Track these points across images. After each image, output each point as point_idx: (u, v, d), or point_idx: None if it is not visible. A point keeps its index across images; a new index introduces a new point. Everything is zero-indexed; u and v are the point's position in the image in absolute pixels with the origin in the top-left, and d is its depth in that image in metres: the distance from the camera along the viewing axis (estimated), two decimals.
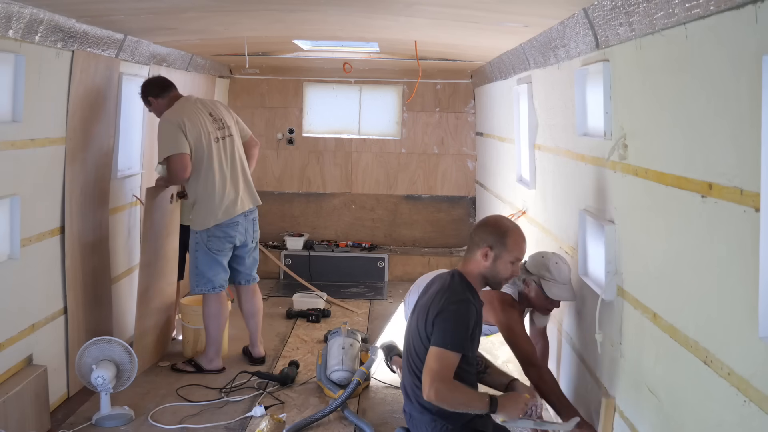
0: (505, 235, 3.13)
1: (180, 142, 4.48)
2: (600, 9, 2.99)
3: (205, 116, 4.64)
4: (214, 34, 5.09)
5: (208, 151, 4.57)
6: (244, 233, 4.75)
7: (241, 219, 4.70)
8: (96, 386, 3.94)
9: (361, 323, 6.02)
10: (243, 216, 4.72)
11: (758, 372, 1.93)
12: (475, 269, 3.14)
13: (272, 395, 4.45)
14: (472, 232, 3.21)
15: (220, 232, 4.64)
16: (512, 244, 3.13)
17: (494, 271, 3.13)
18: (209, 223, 4.61)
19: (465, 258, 3.20)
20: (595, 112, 3.38)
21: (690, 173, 2.34)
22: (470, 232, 3.23)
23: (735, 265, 2.06)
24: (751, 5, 1.90)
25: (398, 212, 7.93)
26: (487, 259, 3.12)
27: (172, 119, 4.53)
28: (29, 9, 3.38)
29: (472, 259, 3.15)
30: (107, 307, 4.80)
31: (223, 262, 4.74)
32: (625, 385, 3.02)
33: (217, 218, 4.60)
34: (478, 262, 3.13)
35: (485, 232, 3.15)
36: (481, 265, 3.13)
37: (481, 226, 3.21)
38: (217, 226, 4.62)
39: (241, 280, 4.95)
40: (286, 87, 7.80)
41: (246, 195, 4.75)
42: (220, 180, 4.60)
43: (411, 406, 3.25)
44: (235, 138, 4.75)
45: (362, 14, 4.10)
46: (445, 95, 7.78)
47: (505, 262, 3.13)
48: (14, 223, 3.64)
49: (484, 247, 3.11)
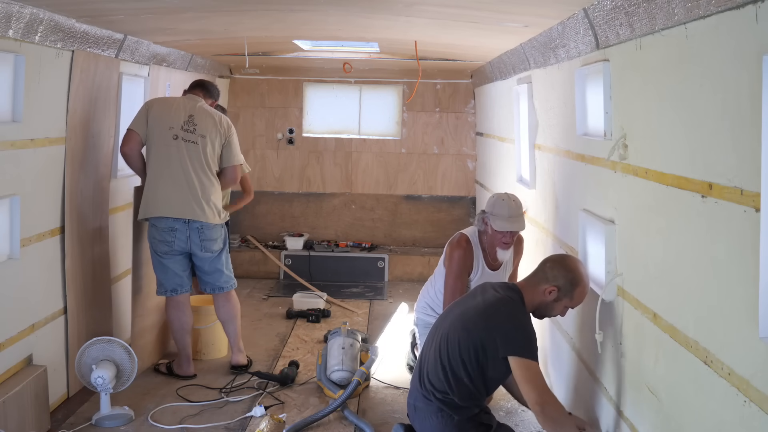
0: (577, 285, 3.24)
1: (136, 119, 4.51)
2: (600, 9, 2.98)
3: (181, 114, 4.51)
4: (214, 34, 5.09)
5: (162, 143, 4.44)
6: (186, 241, 4.51)
7: (179, 225, 4.48)
8: (96, 386, 3.94)
9: (361, 323, 6.02)
10: (183, 222, 4.48)
11: (758, 372, 1.93)
12: (536, 299, 3.27)
13: (272, 395, 4.45)
14: (548, 264, 3.31)
15: (158, 234, 4.50)
16: (578, 295, 3.27)
17: (549, 309, 3.30)
18: (140, 213, 4.51)
19: (529, 281, 3.32)
20: (595, 112, 3.38)
21: (690, 173, 2.34)
22: (546, 261, 3.35)
23: (735, 265, 2.06)
24: (751, 5, 1.90)
25: (398, 212, 7.93)
26: (550, 296, 3.25)
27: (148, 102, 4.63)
28: (29, 9, 3.38)
29: (537, 289, 3.27)
30: (107, 307, 4.80)
31: (171, 266, 4.57)
32: (625, 385, 3.02)
33: (146, 211, 4.47)
34: (541, 295, 3.26)
35: (561, 271, 3.25)
36: (543, 298, 3.27)
37: (559, 264, 3.29)
38: (154, 227, 4.50)
39: (207, 289, 4.77)
40: (286, 87, 7.80)
41: (192, 205, 4.47)
42: (168, 176, 4.45)
43: (417, 396, 3.33)
44: (200, 148, 4.49)
45: (362, 14, 4.10)
46: (445, 95, 7.78)
47: (563, 306, 3.28)
48: (14, 223, 3.64)
49: (553, 285, 3.24)
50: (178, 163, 4.45)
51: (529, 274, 3.39)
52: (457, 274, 4.26)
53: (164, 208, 4.45)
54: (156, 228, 4.49)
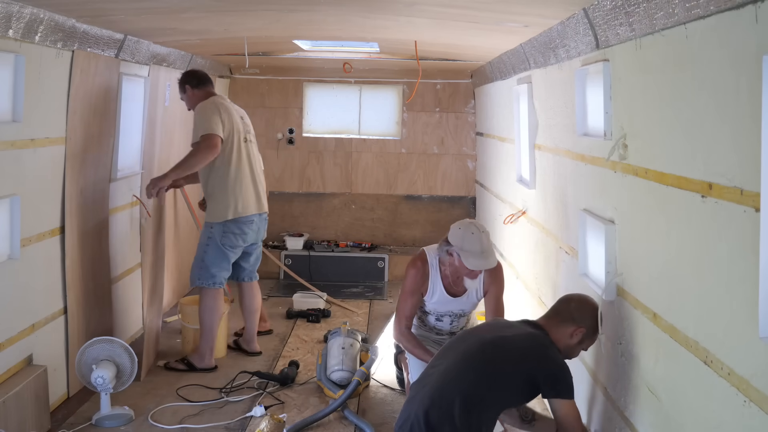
0: (598, 329, 3.16)
1: (216, 124, 4.62)
2: (600, 9, 2.98)
3: (238, 117, 4.87)
4: (214, 34, 5.09)
5: (237, 147, 4.77)
6: (256, 232, 4.91)
7: (256, 218, 4.86)
8: (96, 386, 3.94)
9: (361, 323, 6.02)
10: (258, 215, 4.88)
11: (758, 372, 1.93)
12: (560, 340, 3.13)
13: (272, 395, 4.45)
14: (573, 304, 3.18)
15: (236, 229, 4.75)
16: (595, 338, 3.19)
17: (572, 350, 3.17)
18: (228, 215, 4.71)
19: (553, 321, 3.16)
20: (595, 112, 3.38)
21: (690, 173, 2.34)
22: (569, 301, 3.21)
23: (735, 265, 2.06)
24: (751, 5, 1.90)
25: (398, 212, 7.93)
26: (574, 338, 3.13)
27: (210, 106, 4.71)
28: (29, 9, 3.38)
29: (562, 329, 3.13)
30: (107, 307, 4.80)
31: (231, 259, 4.83)
32: (625, 385, 3.02)
33: (237, 211, 4.73)
34: (566, 336, 3.13)
35: (587, 313, 3.15)
36: (568, 341, 3.13)
37: (585, 306, 3.18)
38: (235, 221, 4.73)
39: (245, 277, 5.08)
40: (286, 87, 7.80)
41: (263, 198, 4.94)
42: (246, 176, 4.79)
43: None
44: (254, 144, 4.98)
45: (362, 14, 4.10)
46: (445, 95, 7.78)
47: (584, 347, 3.20)
48: (14, 223, 3.64)
49: (581, 327, 3.13)
50: (251, 164, 4.86)
51: (550, 312, 3.23)
52: (408, 292, 4.05)
53: (250, 206, 4.81)
54: (236, 222, 4.74)
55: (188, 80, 4.95)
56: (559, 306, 3.23)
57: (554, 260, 4.22)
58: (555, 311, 3.21)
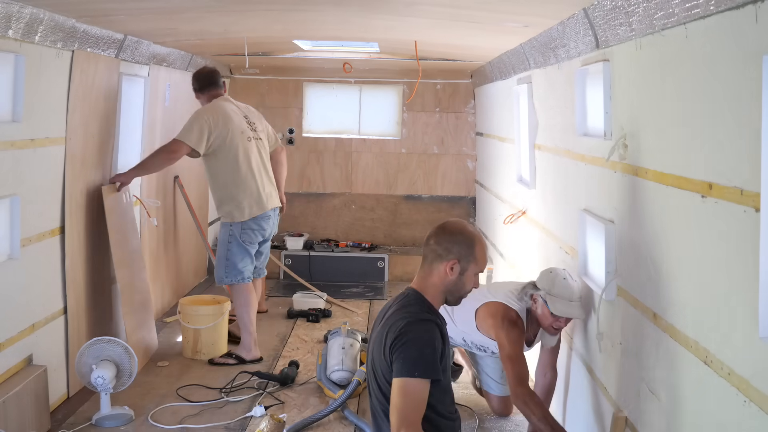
0: (473, 246, 2.75)
1: (191, 134, 4.75)
2: (600, 9, 2.99)
3: (241, 117, 5.00)
4: (214, 34, 5.09)
5: (243, 148, 4.90)
6: (272, 226, 5.12)
7: (272, 213, 5.07)
8: (96, 386, 3.94)
9: (361, 323, 6.02)
10: (273, 211, 5.07)
11: (758, 372, 1.93)
12: (438, 284, 2.75)
13: (272, 395, 4.45)
14: (432, 242, 2.76)
15: (255, 225, 4.95)
16: (480, 254, 2.77)
17: (459, 285, 2.76)
18: (248, 214, 4.90)
19: (422, 272, 2.78)
20: (595, 112, 3.38)
21: (690, 173, 2.35)
22: (427, 241, 2.79)
23: (735, 265, 2.06)
24: (751, 5, 1.90)
25: (398, 212, 7.93)
26: (452, 272, 2.73)
27: (202, 114, 4.86)
28: (29, 9, 3.38)
29: (433, 273, 2.75)
30: (107, 307, 4.80)
31: (252, 254, 5.02)
32: (625, 385, 3.02)
33: (253, 211, 4.91)
34: (442, 277, 2.74)
35: (450, 242, 2.73)
36: (446, 279, 2.74)
37: (445, 235, 2.76)
38: (254, 219, 4.93)
39: (254, 273, 5.19)
40: (286, 87, 7.80)
41: (274, 193, 5.12)
42: (257, 175, 4.95)
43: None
44: (264, 142, 5.15)
45: (362, 14, 4.10)
46: (445, 95, 7.78)
47: (471, 274, 2.77)
48: (14, 223, 3.64)
49: (451, 259, 2.72)
50: (261, 162, 5.04)
51: (419, 268, 2.82)
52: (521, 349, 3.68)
53: (267, 203, 5.00)
54: (254, 219, 4.93)
55: (192, 84, 5.16)
56: (423, 252, 2.80)
57: (554, 260, 4.22)
58: (422, 261, 2.79)
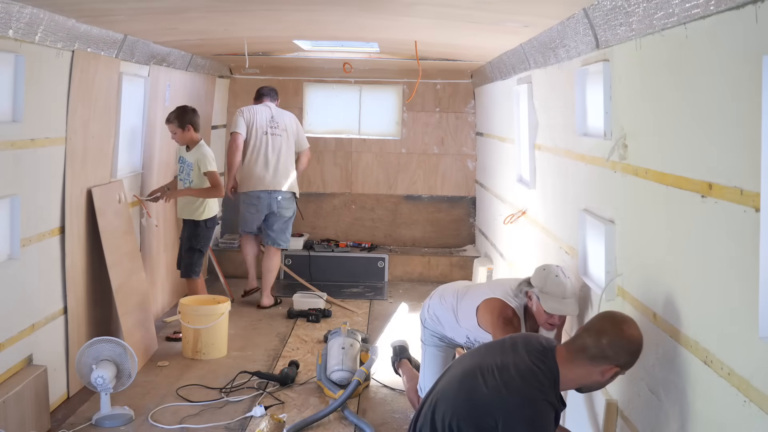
0: (637, 355, 2.58)
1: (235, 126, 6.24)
2: (600, 9, 2.98)
3: (266, 116, 6.28)
4: (214, 34, 5.09)
5: (258, 139, 6.22)
6: (267, 207, 6.23)
7: (263, 195, 6.19)
8: (96, 386, 3.94)
9: (361, 323, 6.02)
10: (267, 193, 6.19)
11: (758, 372, 1.93)
12: (584, 377, 2.59)
13: (272, 395, 4.45)
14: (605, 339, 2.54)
15: (247, 199, 6.27)
16: (635, 363, 2.62)
17: (599, 385, 2.66)
18: (243, 188, 6.27)
19: (575, 355, 2.58)
20: (595, 112, 3.38)
21: (690, 173, 2.34)
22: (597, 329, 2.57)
23: (735, 265, 2.06)
24: (751, 5, 1.90)
25: (398, 212, 7.92)
26: (606, 376, 2.57)
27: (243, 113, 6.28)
28: (29, 9, 3.38)
29: (587, 366, 2.56)
30: (107, 307, 4.80)
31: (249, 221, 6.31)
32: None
33: (247, 186, 6.23)
34: (594, 376, 2.58)
35: (623, 348, 2.54)
36: (595, 379, 2.59)
37: (619, 337, 2.54)
38: (245, 194, 6.26)
39: (269, 242, 6.33)
40: (286, 87, 7.79)
41: (276, 180, 6.24)
42: (260, 161, 6.20)
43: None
44: (283, 138, 6.31)
45: (362, 14, 4.10)
46: (445, 95, 7.78)
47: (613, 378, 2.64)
48: (14, 223, 3.64)
49: (613, 365, 2.55)
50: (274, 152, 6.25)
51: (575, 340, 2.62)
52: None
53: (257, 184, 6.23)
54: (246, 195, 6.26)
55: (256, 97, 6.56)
56: (586, 335, 2.59)
57: (554, 260, 4.21)
58: (582, 347, 2.58)
